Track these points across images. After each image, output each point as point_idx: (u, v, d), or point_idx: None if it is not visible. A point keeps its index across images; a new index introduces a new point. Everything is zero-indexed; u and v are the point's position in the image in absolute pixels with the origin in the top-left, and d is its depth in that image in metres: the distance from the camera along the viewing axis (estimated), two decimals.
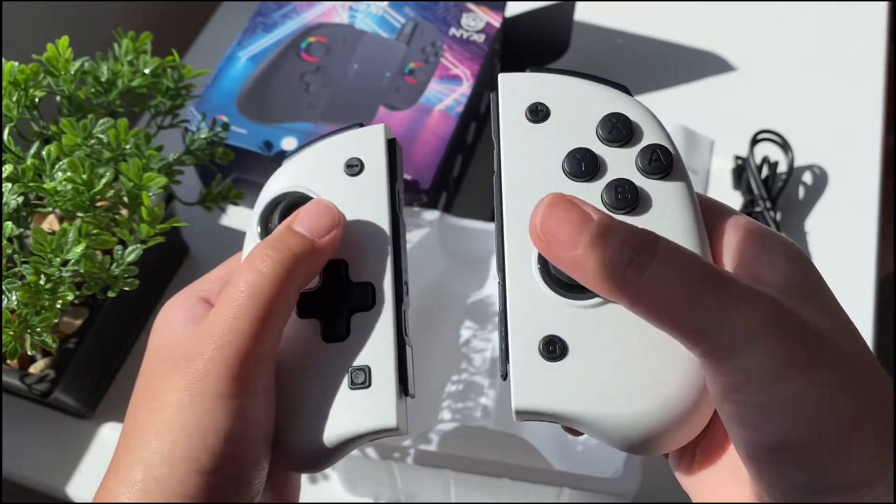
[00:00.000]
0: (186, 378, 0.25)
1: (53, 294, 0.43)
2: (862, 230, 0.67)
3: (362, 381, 0.27)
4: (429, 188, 0.59)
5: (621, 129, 0.27)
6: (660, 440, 0.25)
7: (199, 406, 0.25)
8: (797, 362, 0.22)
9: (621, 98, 0.28)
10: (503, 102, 0.28)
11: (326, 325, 0.28)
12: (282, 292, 0.26)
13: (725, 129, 0.72)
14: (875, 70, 0.76)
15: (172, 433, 0.25)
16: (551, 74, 0.29)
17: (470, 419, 0.55)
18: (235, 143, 0.60)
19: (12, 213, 0.44)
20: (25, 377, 0.51)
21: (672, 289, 0.22)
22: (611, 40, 0.80)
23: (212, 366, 0.25)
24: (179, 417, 0.25)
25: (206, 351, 0.25)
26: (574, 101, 0.28)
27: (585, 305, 0.26)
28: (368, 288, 0.28)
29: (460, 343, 0.58)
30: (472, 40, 0.66)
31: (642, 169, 0.27)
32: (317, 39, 0.66)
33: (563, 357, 0.25)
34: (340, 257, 0.29)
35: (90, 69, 0.50)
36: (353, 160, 0.30)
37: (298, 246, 0.27)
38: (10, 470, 0.58)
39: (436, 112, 0.62)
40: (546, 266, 0.26)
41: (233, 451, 0.25)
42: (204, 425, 0.25)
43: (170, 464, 0.25)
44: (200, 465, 0.25)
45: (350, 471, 0.53)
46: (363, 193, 0.29)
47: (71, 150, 0.45)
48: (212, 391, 0.25)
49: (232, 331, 0.26)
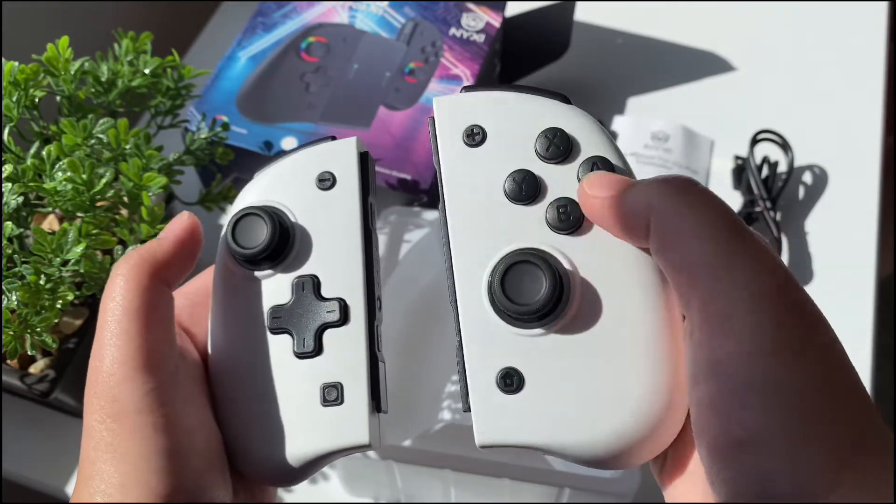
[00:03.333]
0: (101, 399, 0.25)
1: (53, 294, 0.43)
2: (862, 230, 0.67)
3: (334, 398, 0.27)
4: (429, 188, 0.59)
5: (559, 144, 0.27)
6: (626, 456, 0.25)
7: (124, 430, 0.25)
8: (791, 344, 0.21)
9: (558, 110, 0.27)
10: (440, 128, 0.28)
11: (298, 341, 0.28)
12: (146, 288, 0.26)
13: (725, 129, 0.72)
14: (875, 70, 0.76)
15: (114, 461, 0.25)
16: (484, 92, 0.28)
17: (470, 419, 0.55)
18: (235, 143, 0.60)
19: (12, 213, 0.44)
20: (25, 377, 0.51)
21: (706, 219, 0.22)
22: (611, 40, 0.80)
23: (115, 374, 0.25)
24: (113, 445, 0.25)
25: (104, 363, 0.26)
26: (509, 120, 0.28)
27: (535, 335, 0.26)
28: (340, 304, 0.28)
29: None
30: (472, 40, 0.66)
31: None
32: (317, 39, 0.66)
33: (520, 389, 0.25)
34: (312, 273, 0.28)
35: (90, 69, 0.50)
36: (325, 174, 0.29)
37: (146, 248, 0.28)
38: (10, 470, 0.58)
39: None
40: (493, 298, 0.26)
41: (176, 465, 0.25)
42: (137, 447, 0.25)
43: (123, 492, 0.25)
44: (151, 487, 0.25)
45: (350, 471, 0.53)
46: (335, 208, 0.29)
47: (71, 150, 0.45)
48: (128, 411, 0.25)
49: (117, 337, 0.26)
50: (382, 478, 0.51)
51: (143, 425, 0.25)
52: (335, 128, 0.61)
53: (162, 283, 0.27)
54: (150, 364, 0.26)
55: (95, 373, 0.26)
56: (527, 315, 0.25)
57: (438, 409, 0.56)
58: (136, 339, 0.26)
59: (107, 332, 0.26)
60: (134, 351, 0.26)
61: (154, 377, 0.26)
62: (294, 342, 0.28)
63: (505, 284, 0.25)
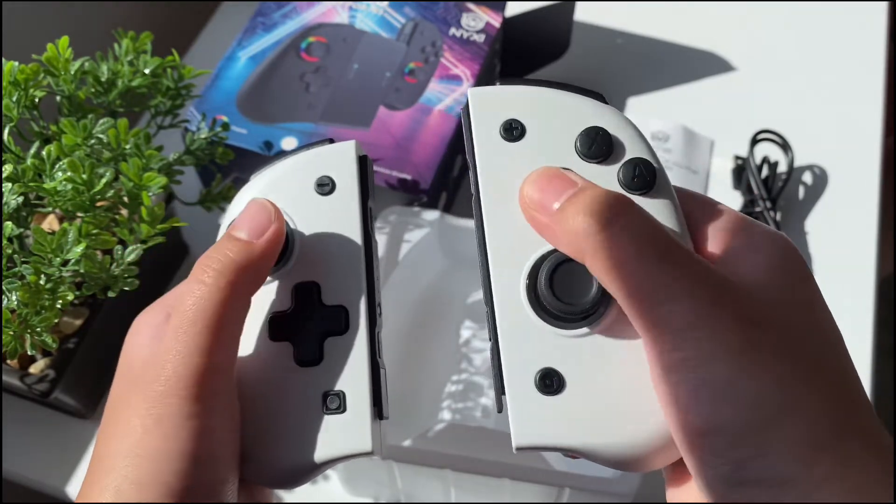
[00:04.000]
0: (147, 401, 0.25)
1: (53, 294, 0.43)
2: (862, 230, 0.67)
3: (337, 406, 0.27)
4: (429, 188, 0.59)
5: (601, 144, 0.26)
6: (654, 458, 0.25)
7: (162, 430, 0.25)
8: (733, 348, 0.22)
9: (599, 109, 0.27)
10: (475, 121, 0.27)
11: (299, 348, 0.28)
12: (228, 301, 0.26)
13: (725, 129, 0.72)
14: (875, 70, 0.76)
15: (139, 458, 0.25)
16: (523, 86, 0.28)
17: (470, 419, 0.55)
18: (235, 143, 0.60)
19: (12, 213, 0.44)
20: (25, 377, 0.51)
21: (630, 252, 0.23)
22: (611, 40, 0.80)
23: (170, 387, 0.25)
24: (144, 442, 0.25)
25: (163, 372, 0.25)
26: (549, 116, 0.27)
27: (576, 335, 0.25)
28: (342, 311, 0.28)
29: (460, 343, 0.58)
30: (472, 40, 0.66)
31: (625, 185, 0.26)
32: (317, 39, 0.66)
33: (560, 390, 0.25)
34: (313, 280, 0.28)
35: (90, 69, 0.50)
36: (325, 179, 0.29)
37: (236, 251, 0.27)
38: (10, 470, 0.58)
39: (436, 112, 0.62)
40: (536, 295, 0.26)
41: (200, 472, 0.25)
42: (169, 449, 0.25)
43: (139, 489, 0.25)
44: (169, 488, 0.25)
45: (350, 471, 0.53)
46: (335, 213, 0.29)
47: (71, 150, 0.45)
48: (173, 412, 0.25)
49: (185, 349, 0.25)
50: (382, 478, 0.51)
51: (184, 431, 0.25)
52: (335, 128, 0.61)
53: (247, 295, 0.27)
54: (208, 385, 0.25)
55: (150, 372, 0.26)
56: (574, 314, 0.25)
57: (438, 409, 0.56)
58: (203, 358, 0.25)
59: (176, 341, 0.25)
60: (196, 369, 0.25)
61: (209, 395, 0.25)
62: (295, 350, 0.28)
63: (553, 282, 0.25)
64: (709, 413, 0.22)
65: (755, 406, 0.22)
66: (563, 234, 0.24)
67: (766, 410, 0.22)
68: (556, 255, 0.25)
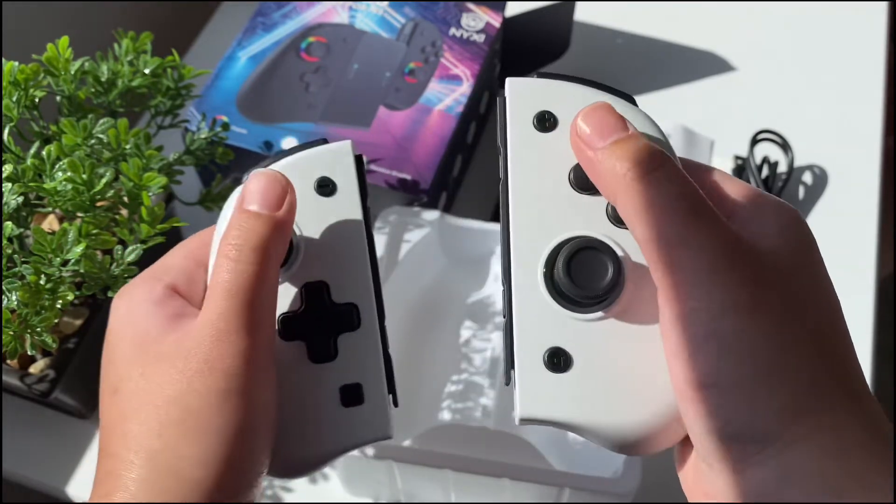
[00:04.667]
0: (186, 376, 0.25)
1: (53, 294, 0.43)
2: (862, 230, 0.67)
3: (355, 398, 0.28)
4: (429, 188, 0.59)
5: None
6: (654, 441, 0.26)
7: (209, 404, 0.25)
8: (741, 304, 0.23)
9: (629, 111, 0.28)
10: (511, 109, 0.28)
11: (313, 346, 0.28)
12: (262, 276, 0.26)
13: (725, 129, 0.72)
14: (875, 70, 0.76)
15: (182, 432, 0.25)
16: (559, 81, 0.29)
17: (470, 419, 0.55)
18: (235, 143, 0.60)
19: (12, 213, 0.44)
20: (25, 377, 0.51)
21: (660, 200, 0.24)
22: (611, 40, 0.80)
23: (217, 363, 0.25)
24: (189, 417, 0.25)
25: (202, 349, 0.25)
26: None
27: (589, 319, 0.26)
28: (354, 309, 0.29)
29: (460, 343, 0.58)
30: (472, 40, 0.66)
31: None
32: (317, 39, 0.66)
33: (566, 369, 0.26)
34: (321, 279, 0.29)
35: (90, 69, 0.50)
36: (325, 180, 0.30)
37: (260, 225, 0.27)
38: (10, 470, 0.58)
39: (436, 112, 0.62)
40: (552, 278, 0.27)
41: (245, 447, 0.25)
42: (217, 423, 0.25)
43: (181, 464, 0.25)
44: (219, 461, 0.25)
45: (350, 471, 0.53)
46: (339, 214, 0.29)
47: (71, 150, 0.45)
48: (220, 387, 0.25)
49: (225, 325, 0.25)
50: (382, 478, 0.51)
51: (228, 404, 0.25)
52: (335, 128, 0.61)
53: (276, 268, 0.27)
54: (259, 346, 0.26)
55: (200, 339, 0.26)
56: (587, 299, 0.26)
57: (438, 409, 0.56)
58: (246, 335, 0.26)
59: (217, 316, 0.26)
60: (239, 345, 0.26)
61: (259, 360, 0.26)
62: (308, 348, 0.28)
63: (571, 267, 0.26)
64: (711, 366, 0.23)
65: (750, 363, 0.23)
66: (602, 172, 0.25)
67: (760, 369, 0.23)
68: (575, 241, 0.26)
